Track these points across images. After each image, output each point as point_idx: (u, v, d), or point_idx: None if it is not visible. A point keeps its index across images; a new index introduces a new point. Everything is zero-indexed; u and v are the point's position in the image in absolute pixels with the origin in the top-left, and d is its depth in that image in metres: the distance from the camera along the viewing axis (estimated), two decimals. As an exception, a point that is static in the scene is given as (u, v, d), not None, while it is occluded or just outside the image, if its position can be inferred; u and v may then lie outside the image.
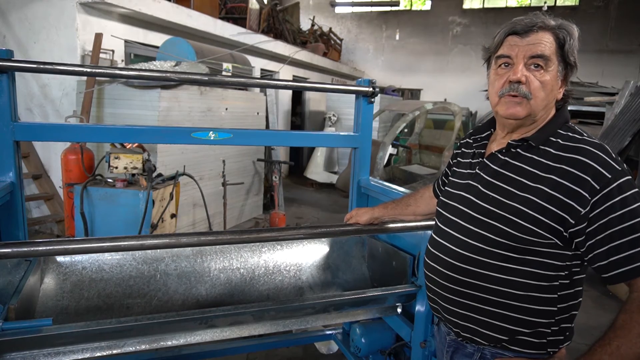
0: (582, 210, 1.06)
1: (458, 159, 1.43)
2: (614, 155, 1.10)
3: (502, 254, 1.15)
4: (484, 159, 1.27)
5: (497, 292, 1.17)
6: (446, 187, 1.40)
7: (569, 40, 1.13)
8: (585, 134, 1.16)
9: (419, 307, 1.90)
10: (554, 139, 1.16)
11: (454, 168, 1.42)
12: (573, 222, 1.07)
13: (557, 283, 1.14)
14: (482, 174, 1.25)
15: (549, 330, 1.17)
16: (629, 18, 12.25)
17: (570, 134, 1.16)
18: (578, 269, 1.16)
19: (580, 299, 1.21)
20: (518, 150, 1.20)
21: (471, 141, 1.38)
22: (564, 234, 1.09)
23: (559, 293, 1.15)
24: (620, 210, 1.03)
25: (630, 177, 1.07)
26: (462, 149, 1.43)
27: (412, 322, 1.95)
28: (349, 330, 2.36)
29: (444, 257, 1.26)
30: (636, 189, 1.06)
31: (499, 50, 1.19)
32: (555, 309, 1.16)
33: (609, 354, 1.01)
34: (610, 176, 1.05)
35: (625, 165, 1.09)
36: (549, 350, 1.18)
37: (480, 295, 1.19)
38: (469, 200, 1.24)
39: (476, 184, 1.25)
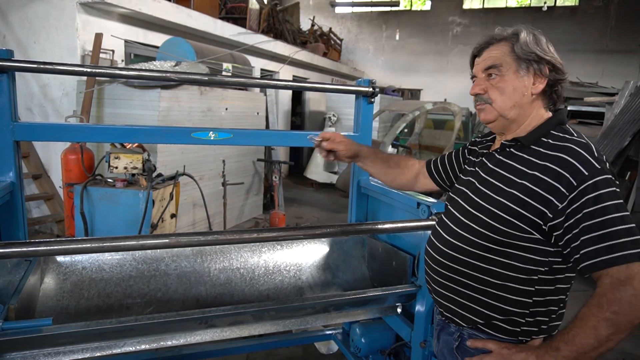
0: (560, 205, 1.12)
1: (469, 157, 1.52)
2: (596, 154, 1.15)
3: (484, 244, 1.24)
4: (483, 158, 1.38)
5: (477, 279, 1.27)
6: (454, 184, 1.50)
7: (516, 41, 1.24)
8: (575, 135, 1.22)
9: (419, 307, 1.91)
10: (546, 139, 1.23)
11: (465, 166, 1.51)
12: (551, 216, 1.14)
13: (536, 277, 1.21)
14: (480, 171, 1.35)
15: (523, 321, 1.24)
16: (629, 18, 12.25)
17: (562, 134, 1.22)
18: (562, 266, 1.21)
19: (563, 297, 1.26)
20: (511, 149, 1.28)
21: (479, 141, 1.49)
22: (544, 227, 1.16)
23: (536, 287, 1.21)
24: (593, 207, 1.09)
25: (610, 176, 1.12)
26: (474, 147, 1.51)
27: (412, 322, 1.95)
28: (349, 330, 2.36)
29: (437, 244, 1.38)
30: (612, 188, 1.11)
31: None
32: (530, 301, 1.22)
33: (565, 341, 1.09)
34: (587, 173, 1.11)
35: (608, 165, 1.15)
36: (520, 338, 1.25)
37: (462, 280, 1.30)
38: (466, 196, 1.34)
39: (474, 181, 1.34)
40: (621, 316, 1.03)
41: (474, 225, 1.27)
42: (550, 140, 1.21)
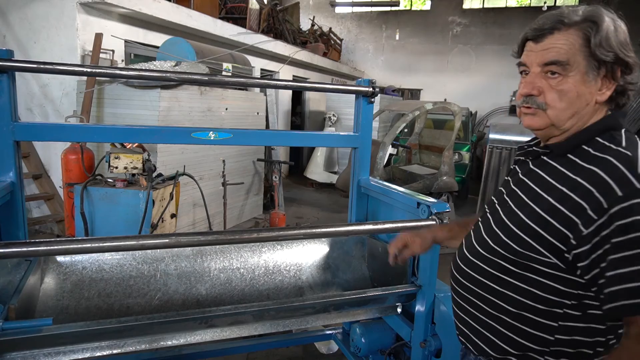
0: (585, 230, 0.92)
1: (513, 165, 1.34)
2: None
3: (498, 263, 1.08)
4: (516, 166, 1.20)
5: (490, 303, 1.11)
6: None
7: (594, 32, 0.98)
8: (625, 143, 0.98)
9: (419, 307, 1.91)
10: (587, 148, 1.01)
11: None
12: (575, 243, 0.94)
13: (561, 311, 1.01)
14: (510, 181, 1.18)
15: (542, 359, 1.06)
16: (628, 18, 11.98)
17: (607, 143, 0.99)
18: (596, 303, 0.98)
19: (602, 339, 1.01)
20: (544, 158, 1.09)
21: (521, 148, 1.27)
22: (566, 255, 0.97)
23: (560, 323, 1.02)
24: (624, 236, 0.88)
25: None
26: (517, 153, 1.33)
27: (412, 322, 1.96)
28: (349, 330, 2.36)
29: (456, 258, 1.24)
30: None
31: (520, 56, 1.11)
32: (552, 339, 1.03)
33: None
34: (621, 194, 0.89)
35: None
36: None
37: (474, 301, 1.15)
38: (494, 207, 1.18)
39: (504, 191, 1.18)
40: None
41: (489, 241, 1.10)
42: (591, 150, 0.99)
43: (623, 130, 1.02)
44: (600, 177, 0.92)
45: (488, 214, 1.19)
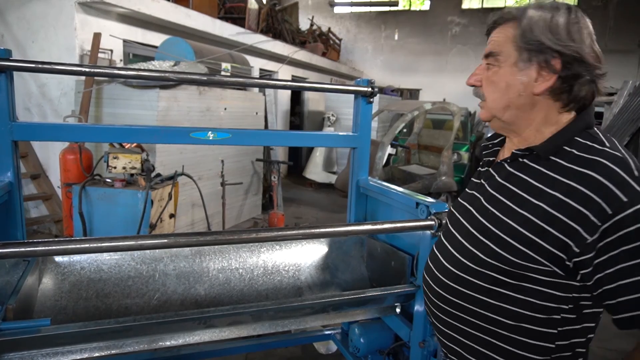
0: (589, 237, 0.90)
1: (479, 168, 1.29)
2: (637, 172, 0.90)
3: (491, 275, 1.02)
4: (490, 169, 1.14)
5: (485, 318, 1.05)
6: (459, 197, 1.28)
7: (519, 25, 1.00)
8: (607, 144, 0.96)
9: (418, 307, 1.90)
10: (569, 149, 0.98)
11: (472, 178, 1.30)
12: (577, 250, 0.91)
13: (559, 317, 0.99)
14: (486, 185, 1.12)
15: None
16: (627, 18, 12.27)
17: (589, 144, 0.97)
18: (589, 302, 0.99)
19: (591, 336, 1.04)
20: (525, 160, 1.05)
21: (484, 146, 1.25)
22: (567, 262, 0.94)
23: (559, 329, 1.00)
24: (635, 243, 0.87)
25: None
26: (482, 155, 1.29)
27: (411, 322, 1.95)
28: (348, 330, 2.36)
29: (436, 272, 1.16)
30: None
31: None
32: (553, 346, 1.01)
33: None
34: (626, 199, 0.87)
35: None
36: None
37: (466, 318, 1.08)
38: (470, 214, 1.12)
39: (479, 196, 1.12)
40: None
41: (478, 253, 1.04)
42: (574, 151, 0.97)
43: (596, 128, 1.01)
44: (599, 182, 0.90)
45: (463, 221, 1.13)
